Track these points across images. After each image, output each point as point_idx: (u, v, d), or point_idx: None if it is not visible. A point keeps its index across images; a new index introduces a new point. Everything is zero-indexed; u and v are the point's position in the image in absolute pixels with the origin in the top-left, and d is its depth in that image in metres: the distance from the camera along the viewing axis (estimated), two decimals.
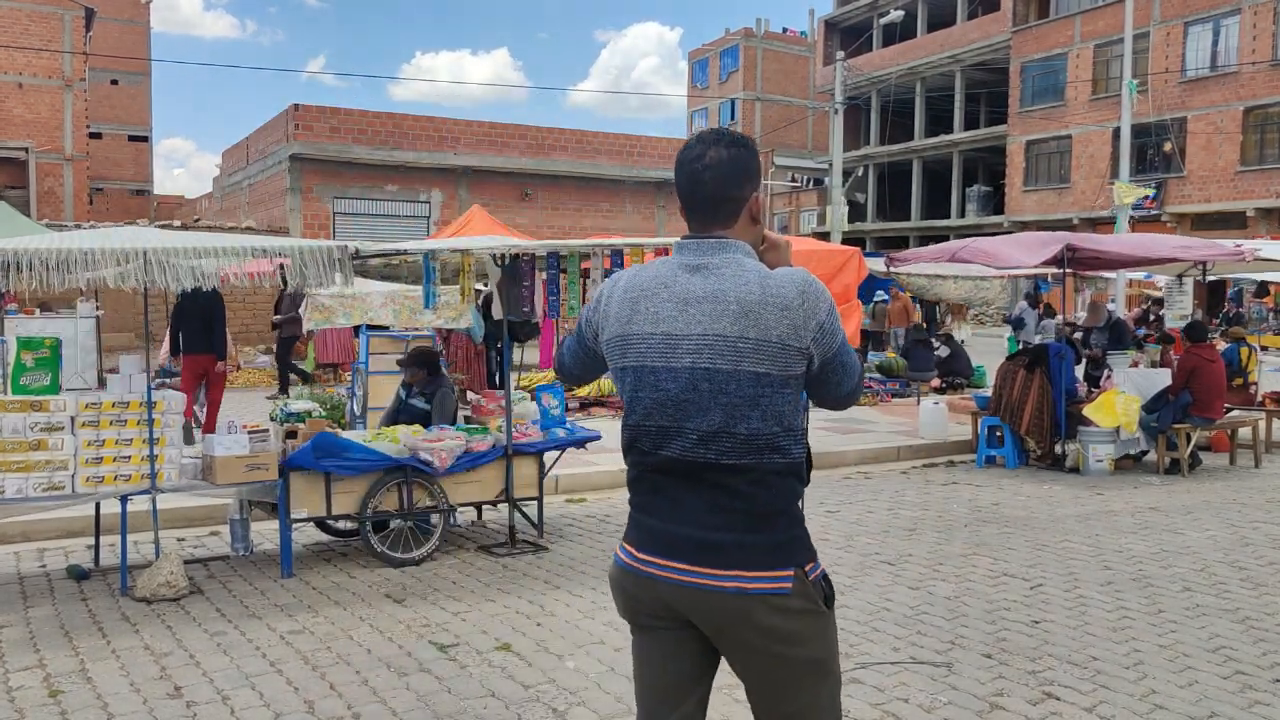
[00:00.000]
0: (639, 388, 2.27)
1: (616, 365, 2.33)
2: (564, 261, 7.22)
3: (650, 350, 2.24)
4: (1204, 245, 12.01)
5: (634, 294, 2.30)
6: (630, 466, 2.34)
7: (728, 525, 2.18)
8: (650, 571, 2.24)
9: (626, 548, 2.32)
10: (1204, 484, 9.45)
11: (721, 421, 2.17)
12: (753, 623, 2.17)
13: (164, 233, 6.55)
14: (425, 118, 25.63)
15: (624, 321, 2.29)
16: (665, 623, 2.28)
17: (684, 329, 2.20)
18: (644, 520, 2.29)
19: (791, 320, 2.15)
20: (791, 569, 2.18)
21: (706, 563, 2.18)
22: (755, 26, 59.25)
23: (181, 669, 4.63)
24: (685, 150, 2.34)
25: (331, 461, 6.16)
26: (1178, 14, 33.39)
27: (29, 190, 31.22)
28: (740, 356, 2.15)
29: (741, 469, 2.18)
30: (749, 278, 2.19)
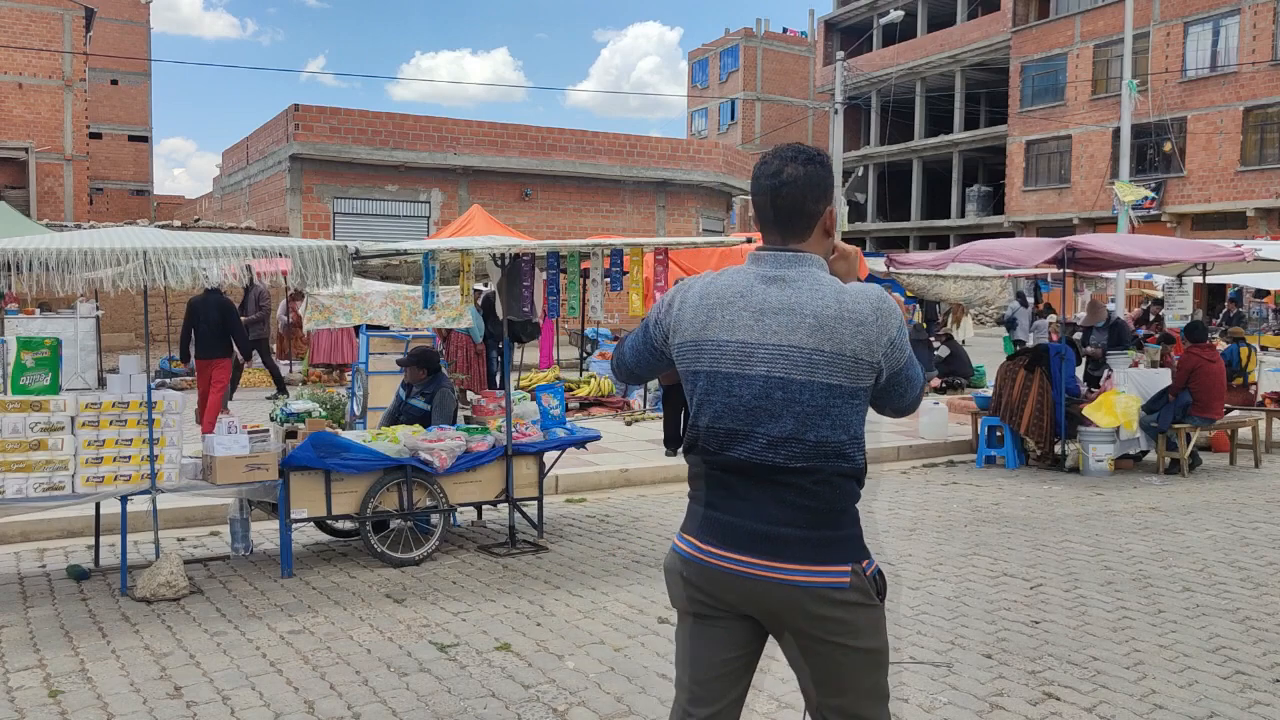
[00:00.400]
0: (711, 392, 2.37)
1: (688, 369, 2.42)
2: (564, 261, 7.22)
3: (724, 357, 2.35)
4: (1203, 246, 12.01)
5: (710, 301, 2.39)
6: (693, 464, 2.45)
7: (792, 522, 2.30)
8: (716, 563, 2.35)
9: (688, 539, 2.42)
10: (1204, 484, 9.45)
11: (793, 429, 2.29)
12: (813, 614, 2.28)
13: (164, 233, 6.55)
14: (425, 118, 25.62)
15: (699, 328, 2.39)
16: (721, 613, 2.39)
17: (759, 338, 2.31)
18: (709, 514, 2.39)
19: (865, 336, 2.27)
20: (849, 564, 2.31)
21: (771, 556, 2.29)
22: (755, 27, 59.22)
23: (181, 669, 4.63)
24: (763, 165, 2.44)
25: (332, 460, 6.17)
26: (1178, 14, 33.39)
27: (29, 190, 31.22)
28: (814, 368, 2.27)
29: (808, 471, 2.29)
30: (825, 292, 2.30)
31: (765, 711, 4.17)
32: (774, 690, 4.39)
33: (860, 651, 2.32)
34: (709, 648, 2.42)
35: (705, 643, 2.42)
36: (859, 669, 2.34)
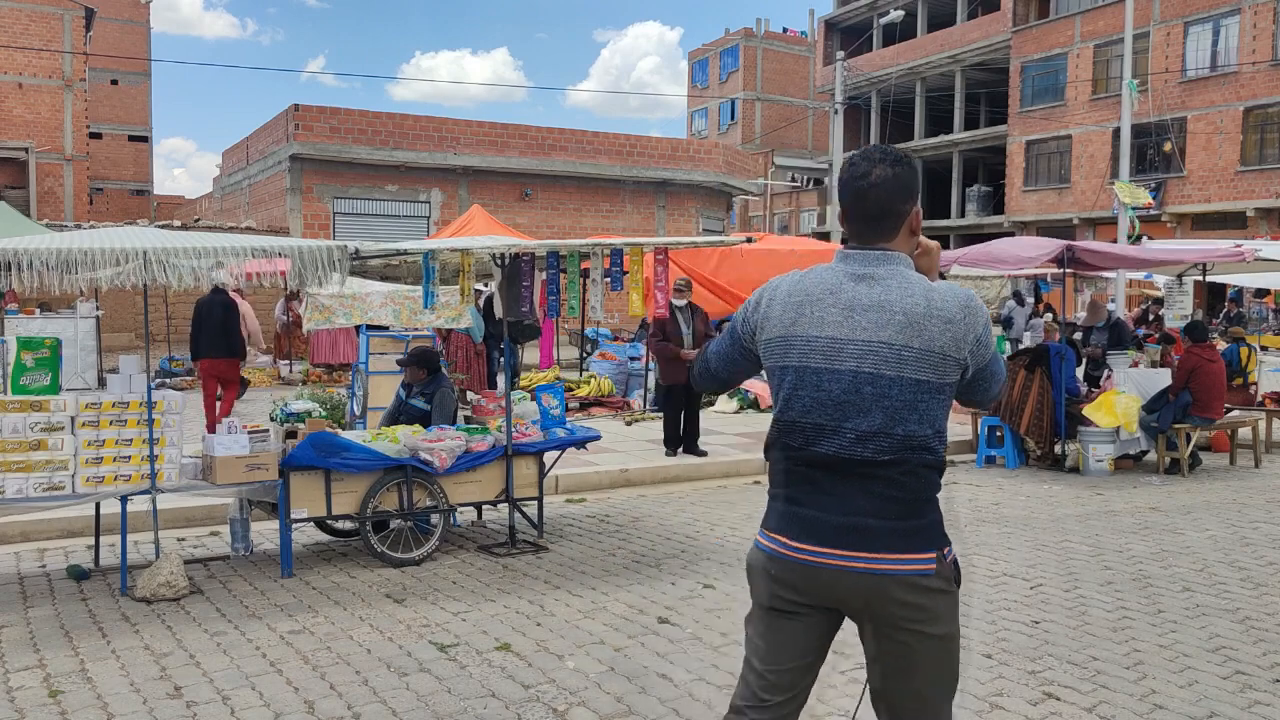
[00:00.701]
0: (799, 386, 2.43)
1: (776, 364, 2.49)
2: (564, 261, 7.22)
3: (813, 352, 2.41)
4: (1203, 249, 12.01)
5: (798, 298, 2.46)
6: (776, 460, 2.52)
7: (878, 512, 2.37)
8: (803, 558, 2.42)
9: (773, 535, 2.49)
10: (1204, 484, 9.45)
11: (881, 423, 2.35)
12: (898, 600, 2.36)
13: (164, 233, 6.55)
14: (425, 118, 25.61)
15: (788, 324, 2.46)
16: (803, 608, 2.47)
17: (849, 334, 2.37)
18: (794, 510, 2.46)
19: (953, 333, 2.35)
20: (933, 552, 2.39)
21: (859, 546, 2.36)
22: (755, 26, 59.24)
23: (181, 669, 4.63)
24: (851, 168, 2.49)
25: (333, 460, 6.16)
26: (1178, 14, 33.38)
27: (29, 190, 31.21)
28: (903, 364, 2.33)
29: (895, 464, 2.37)
30: (915, 290, 2.37)
31: None
32: None
33: (936, 638, 2.39)
34: (788, 642, 2.49)
35: (784, 637, 2.49)
36: (933, 655, 2.40)
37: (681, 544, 6.98)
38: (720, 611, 5.46)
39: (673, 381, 10.15)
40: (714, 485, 9.33)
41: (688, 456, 10.00)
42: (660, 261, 7.44)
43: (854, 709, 2.73)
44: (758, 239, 15.39)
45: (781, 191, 53.71)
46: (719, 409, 13.46)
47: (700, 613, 5.45)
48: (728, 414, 13.30)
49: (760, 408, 13.28)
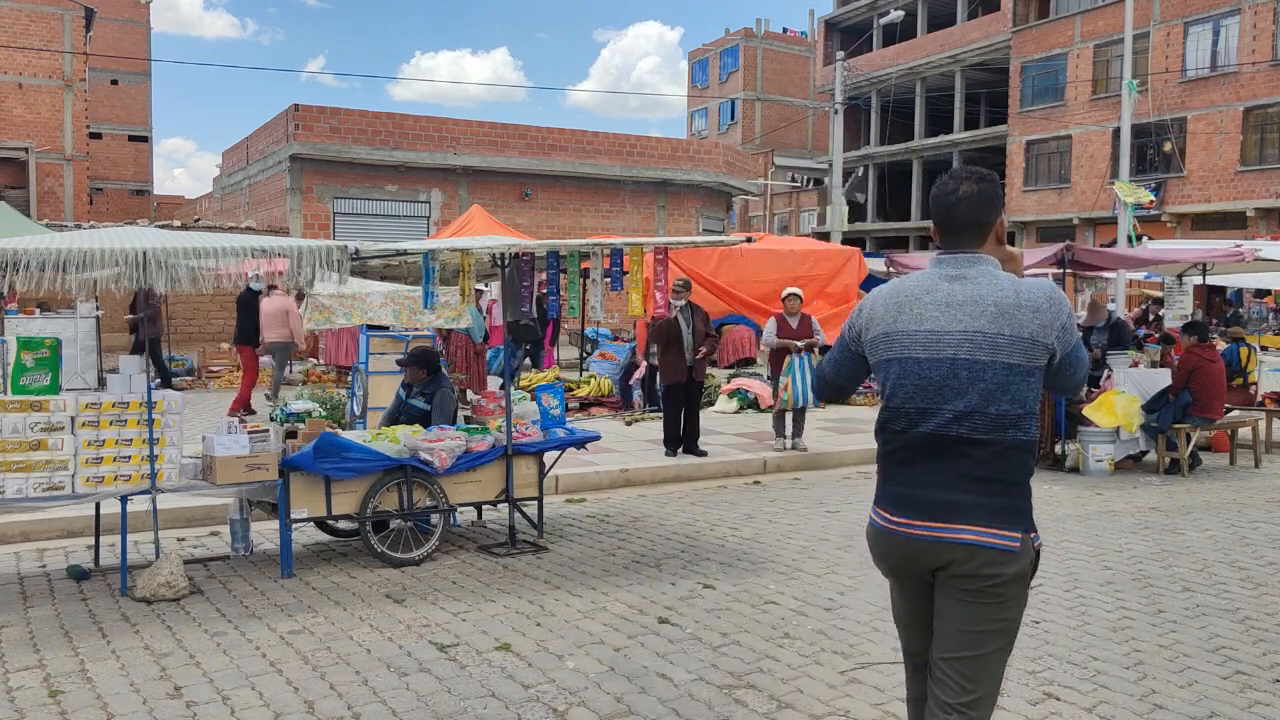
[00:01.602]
0: (903, 376, 2.72)
1: (881, 358, 2.78)
2: (564, 261, 7.22)
3: (915, 344, 2.70)
4: (1203, 249, 12.01)
5: (898, 299, 2.76)
6: (883, 443, 2.81)
7: (971, 489, 2.61)
8: (902, 531, 2.69)
9: (880, 512, 2.77)
10: (1204, 484, 9.45)
11: (977, 403, 2.62)
12: (979, 571, 2.59)
13: (164, 233, 6.55)
14: (425, 118, 25.61)
15: (889, 321, 2.76)
16: (911, 573, 2.76)
17: (946, 326, 2.66)
18: (895, 488, 2.74)
19: (1040, 321, 2.61)
20: (1019, 532, 2.61)
21: (951, 519, 2.61)
22: (755, 26, 59.24)
23: (181, 669, 4.63)
24: (940, 186, 2.83)
25: (330, 463, 6.16)
26: (1178, 14, 33.38)
27: (29, 190, 31.21)
28: (996, 349, 2.61)
29: (988, 443, 2.61)
30: (1004, 284, 2.66)
31: (765, 711, 4.17)
32: (774, 690, 4.39)
33: (1000, 617, 2.61)
34: (911, 602, 2.81)
35: (907, 598, 2.82)
36: (995, 632, 2.62)
37: (681, 544, 6.98)
38: (720, 611, 5.46)
39: (673, 381, 10.15)
40: (714, 485, 9.33)
41: (688, 456, 10.00)
42: (660, 261, 7.44)
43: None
44: (758, 239, 15.42)
45: (781, 191, 53.70)
46: (719, 409, 13.46)
47: (700, 613, 5.45)
48: (728, 414, 13.29)
49: (760, 408, 13.28)
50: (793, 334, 10.43)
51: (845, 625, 5.25)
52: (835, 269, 15.17)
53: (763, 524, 7.59)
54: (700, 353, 10.06)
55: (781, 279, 13.36)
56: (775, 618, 5.37)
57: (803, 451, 10.41)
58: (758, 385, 13.69)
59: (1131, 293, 24.92)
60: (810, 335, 10.45)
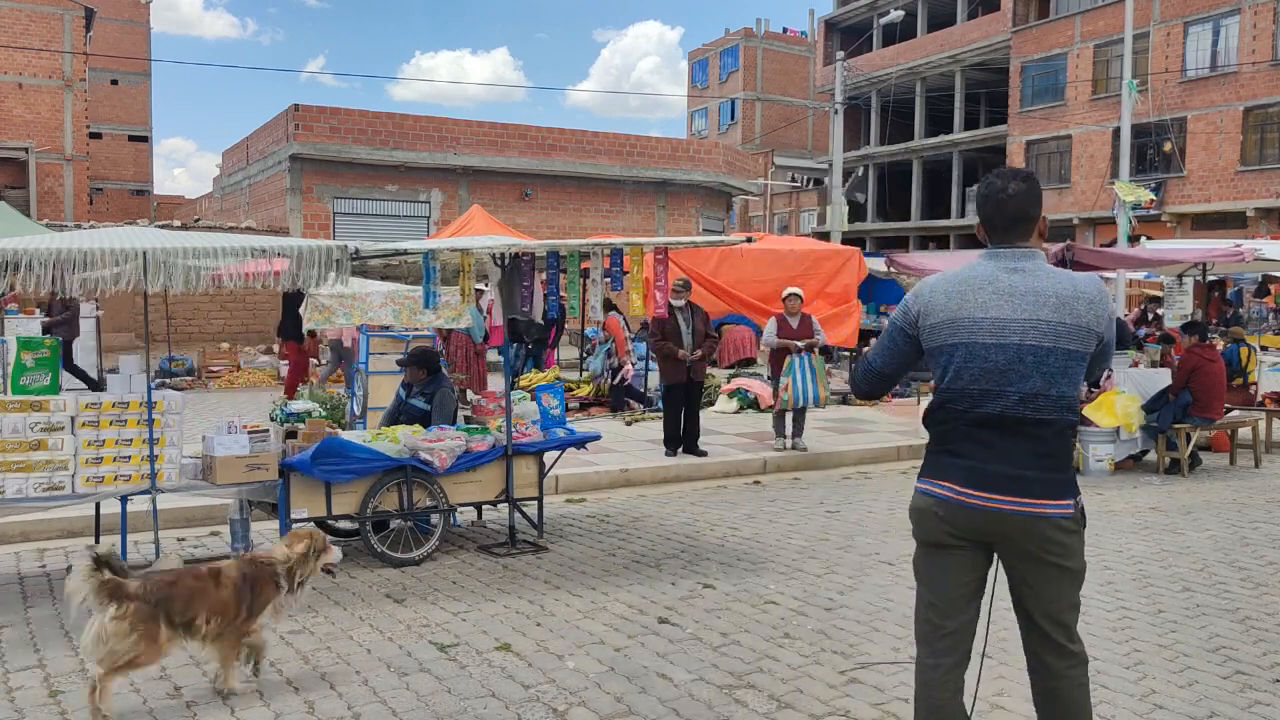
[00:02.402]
0: (969, 359, 2.94)
1: (944, 342, 2.98)
2: (564, 261, 7.22)
3: (980, 331, 2.92)
4: (1203, 249, 12.00)
5: (960, 288, 2.97)
6: (940, 422, 3.03)
7: (1035, 465, 2.90)
8: (973, 503, 2.93)
9: (944, 484, 2.98)
10: (1204, 484, 9.45)
11: (1040, 386, 2.89)
12: (1046, 538, 2.90)
13: (164, 233, 6.55)
14: (425, 118, 25.62)
15: (953, 309, 2.97)
16: (964, 542, 2.99)
17: (1011, 315, 2.91)
18: (962, 463, 2.96)
19: (1095, 311, 2.91)
20: (1071, 499, 2.93)
21: (1020, 493, 2.89)
22: (755, 26, 59.24)
23: (181, 669, 4.63)
24: (989, 185, 3.05)
25: (328, 466, 6.15)
26: (1178, 14, 33.38)
27: (29, 190, 31.20)
28: (1058, 337, 2.88)
29: (1050, 423, 2.91)
30: (1060, 278, 2.94)
31: (765, 711, 4.17)
32: (774, 690, 4.39)
33: (1069, 570, 2.95)
34: (951, 572, 3.03)
35: (947, 569, 3.03)
36: (1066, 583, 2.96)
37: (681, 544, 6.98)
38: (720, 611, 5.46)
39: (673, 381, 10.15)
40: (714, 485, 9.33)
41: (688, 456, 10.00)
42: (660, 261, 7.44)
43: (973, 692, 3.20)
44: (758, 239, 15.41)
45: (781, 191, 53.70)
46: (719, 409, 13.46)
47: (700, 613, 5.45)
48: (728, 414, 13.29)
49: (760, 407, 13.28)
50: (793, 334, 10.43)
51: (845, 625, 5.25)
52: (835, 269, 15.16)
53: (763, 524, 7.59)
54: (698, 353, 10.05)
55: (781, 279, 13.36)
56: (775, 618, 5.37)
57: (803, 451, 10.41)
58: (758, 385, 13.68)
59: (1131, 292, 24.92)
60: (810, 335, 10.45)
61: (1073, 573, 2.96)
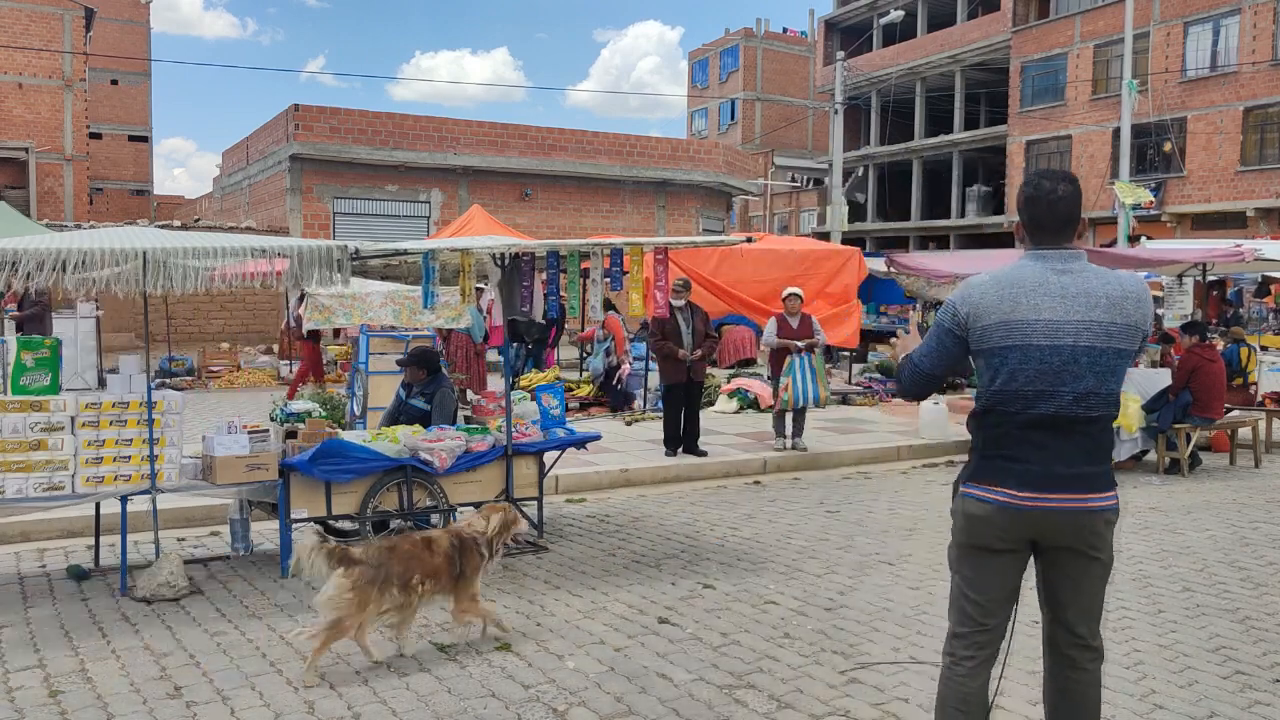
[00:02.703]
0: (1025, 361, 2.96)
1: (997, 345, 2.99)
2: (564, 261, 7.22)
3: (1034, 332, 2.95)
4: (1203, 249, 12.00)
5: (1011, 290, 2.99)
6: (991, 425, 3.05)
7: (1090, 460, 2.99)
8: (1028, 504, 2.97)
9: (996, 489, 3.01)
10: (1204, 484, 9.45)
11: (1093, 385, 2.96)
12: (1094, 531, 3.00)
13: (164, 233, 6.55)
14: (425, 118, 25.62)
15: (1006, 311, 2.97)
16: (1017, 544, 3.05)
17: (1064, 316, 2.95)
18: (1013, 466, 3.00)
19: (1142, 311, 3.01)
20: (1115, 491, 3.05)
21: (1074, 489, 2.97)
22: (755, 26, 59.23)
23: (181, 669, 4.63)
24: (1039, 187, 3.08)
25: (329, 466, 6.15)
26: (1178, 14, 33.37)
27: (29, 190, 31.20)
28: (1110, 337, 2.95)
29: (1098, 419, 2.99)
30: (1108, 278, 3.01)
31: (765, 711, 4.17)
32: (774, 690, 4.39)
33: (1104, 563, 3.05)
34: (997, 575, 3.08)
35: (994, 571, 3.08)
36: (1100, 576, 3.06)
37: (681, 544, 6.98)
38: (720, 611, 5.46)
39: (673, 381, 10.15)
40: (714, 485, 9.33)
41: (688, 456, 9.99)
42: (660, 261, 7.44)
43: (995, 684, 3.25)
44: (758, 239, 15.40)
45: (781, 191, 53.70)
46: (719, 409, 13.46)
47: (700, 613, 5.45)
48: (728, 414, 13.29)
49: (760, 408, 13.28)
50: (793, 334, 10.43)
51: (845, 625, 5.25)
52: (835, 269, 15.15)
53: (763, 524, 7.59)
54: (698, 353, 10.05)
55: (781, 279, 13.35)
56: (775, 618, 5.37)
57: (803, 451, 10.41)
58: (758, 385, 13.68)
59: None
60: (810, 335, 10.45)
61: (1106, 565, 3.06)
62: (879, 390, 15.46)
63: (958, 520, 3.15)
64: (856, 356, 18.12)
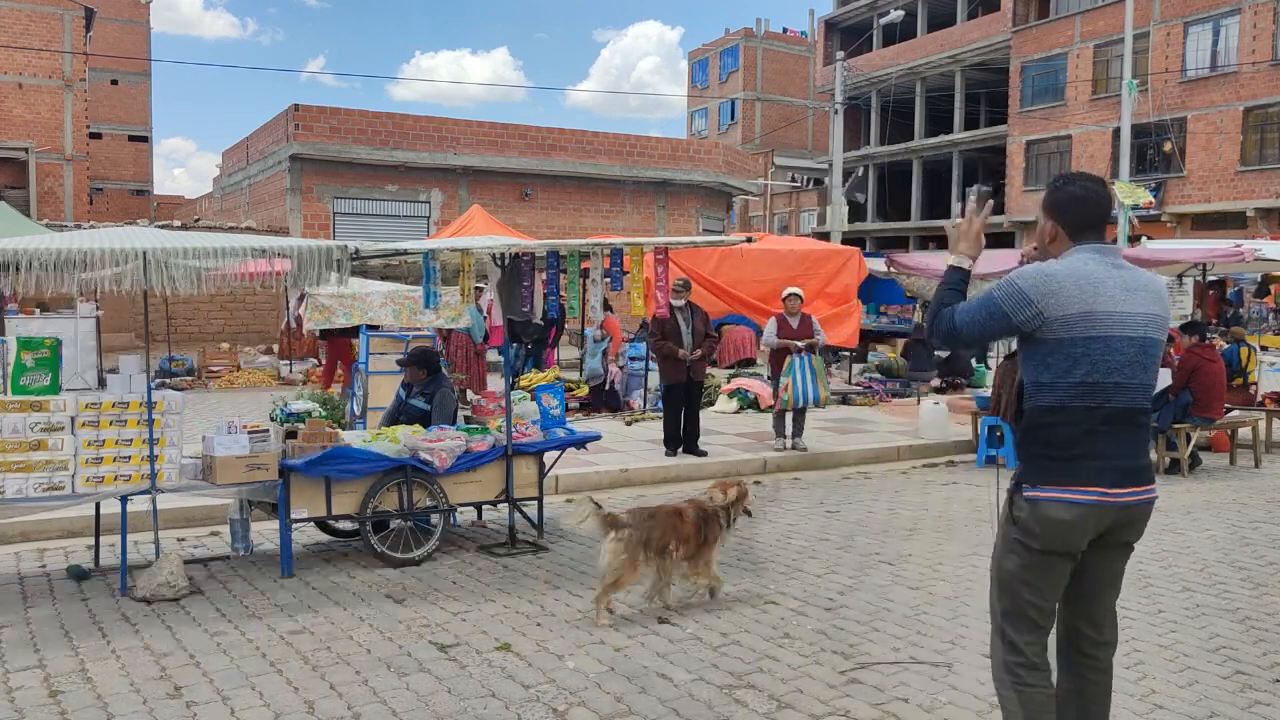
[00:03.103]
0: (1107, 352, 2.99)
1: (1080, 334, 2.98)
2: (564, 261, 7.23)
3: (1114, 324, 2.99)
4: (1203, 249, 12.00)
5: (1090, 281, 2.99)
6: (1066, 423, 3.00)
7: (1146, 452, 3.10)
8: (1117, 500, 3.00)
9: (1085, 489, 2.98)
10: (1204, 484, 9.45)
11: (1150, 377, 3.06)
12: (1144, 522, 3.13)
13: (164, 233, 6.55)
14: (425, 118, 25.63)
15: (1087, 301, 2.98)
16: (1089, 545, 3.08)
17: (1132, 309, 3.01)
18: (1102, 464, 2.99)
19: (1168, 304, 3.16)
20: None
21: (1146, 481, 3.07)
22: (755, 26, 59.24)
23: (181, 669, 4.63)
24: (1085, 187, 3.14)
25: (330, 466, 6.15)
26: (1178, 14, 33.38)
27: (29, 190, 31.21)
28: (1160, 329, 3.08)
29: (1149, 411, 3.11)
30: (1147, 275, 3.12)
31: (765, 711, 4.17)
32: (774, 690, 4.39)
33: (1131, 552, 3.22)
34: (1061, 577, 3.10)
35: (1060, 574, 3.09)
36: (1124, 570, 3.24)
37: None
38: (720, 611, 5.46)
39: (673, 381, 10.15)
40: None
41: (688, 456, 9.99)
42: (660, 261, 7.44)
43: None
44: (758, 239, 15.40)
45: (781, 191, 53.70)
46: (719, 409, 13.46)
47: (700, 613, 5.45)
48: (728, 414, 13.29)
49: (760, 407, 13.28)
50: (793, 334, 10.43)
51: (845, 625, 5.25)
52: (835, 269, 15.15)
53: (763, 524, 7.59)
54: (698, 353, 10.05)
55: (781, 279, 13.36)
56: (775, 618, 5.37)
57: (803, 451, 10.41)
58: (758, 385, 13.68)
59: None
60: (810, 335, 10.45)
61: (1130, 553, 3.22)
62: (879, 390, 15.46)
63: (1029, 528, 3.04)
64: (856, 356, 18.12)
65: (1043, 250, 3.22)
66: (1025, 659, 3.10)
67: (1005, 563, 3.13)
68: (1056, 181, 3.20)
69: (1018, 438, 3.17)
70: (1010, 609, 3.12)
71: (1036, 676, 3.10)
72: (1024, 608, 3.10)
